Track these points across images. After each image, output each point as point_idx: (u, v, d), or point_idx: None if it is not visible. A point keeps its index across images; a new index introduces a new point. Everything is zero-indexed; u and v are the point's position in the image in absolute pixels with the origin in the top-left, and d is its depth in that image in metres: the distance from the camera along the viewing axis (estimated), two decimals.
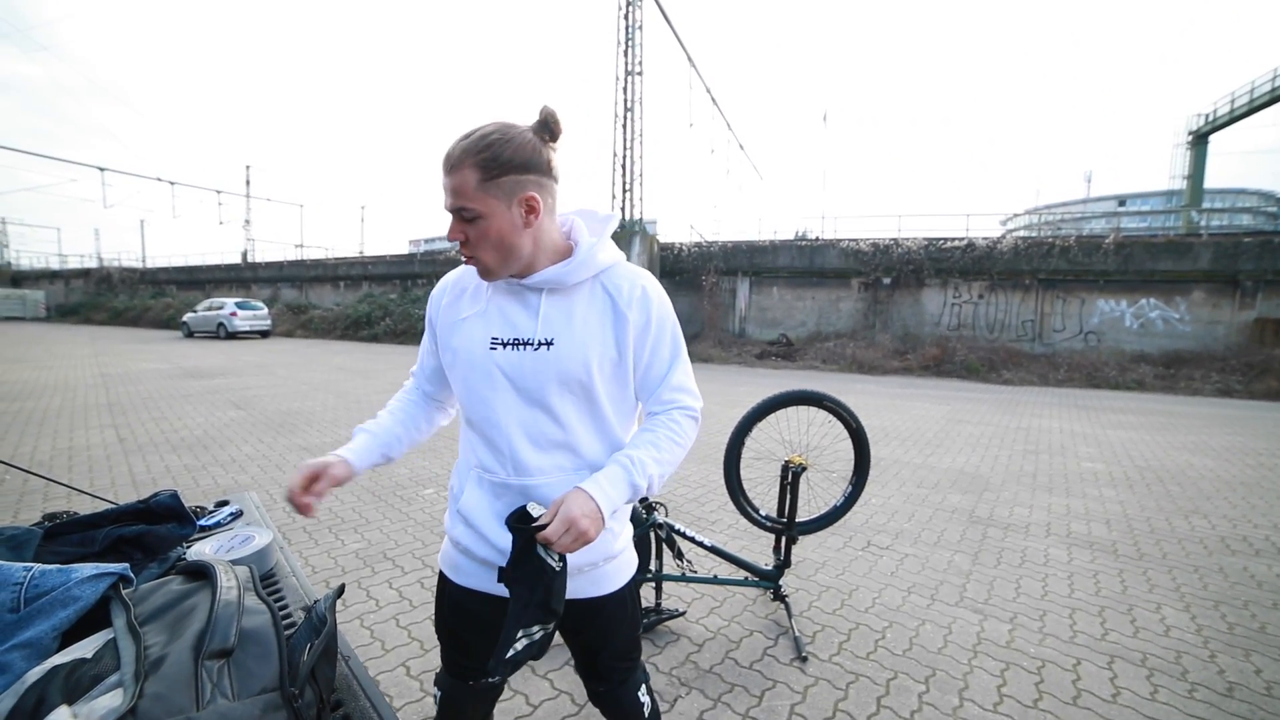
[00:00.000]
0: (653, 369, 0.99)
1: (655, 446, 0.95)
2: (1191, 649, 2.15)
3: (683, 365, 1.02)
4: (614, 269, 0.97)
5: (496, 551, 0.97)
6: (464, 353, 0.96)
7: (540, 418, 0.94)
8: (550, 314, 0.94)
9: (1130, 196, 39.22)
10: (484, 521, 0.97)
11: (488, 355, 0.94)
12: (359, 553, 2.85)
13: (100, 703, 0.48)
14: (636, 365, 0.98)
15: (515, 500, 0.94)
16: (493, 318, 0.95)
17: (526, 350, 0.93)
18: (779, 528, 2.35)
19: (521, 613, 0.83)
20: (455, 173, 0.86)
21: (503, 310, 0.96)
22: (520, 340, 0.94)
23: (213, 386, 8.16)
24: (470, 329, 0.96)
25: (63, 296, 32.34)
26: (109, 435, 5.20)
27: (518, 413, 0.94)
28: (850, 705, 1.81)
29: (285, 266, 26.62)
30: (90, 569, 0.68)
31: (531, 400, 0.94)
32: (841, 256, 14.59)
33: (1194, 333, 11.73)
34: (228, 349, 14.46)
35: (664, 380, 1.00)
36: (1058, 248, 12.69)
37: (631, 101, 16.02)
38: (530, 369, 0.93)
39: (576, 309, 0.94)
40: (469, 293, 1.00)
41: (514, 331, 0.94)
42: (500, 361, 0.94)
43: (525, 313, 0.95)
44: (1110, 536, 3.27)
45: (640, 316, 0.95)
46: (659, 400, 1.00)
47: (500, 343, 0.94)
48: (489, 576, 0.99)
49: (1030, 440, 5.81)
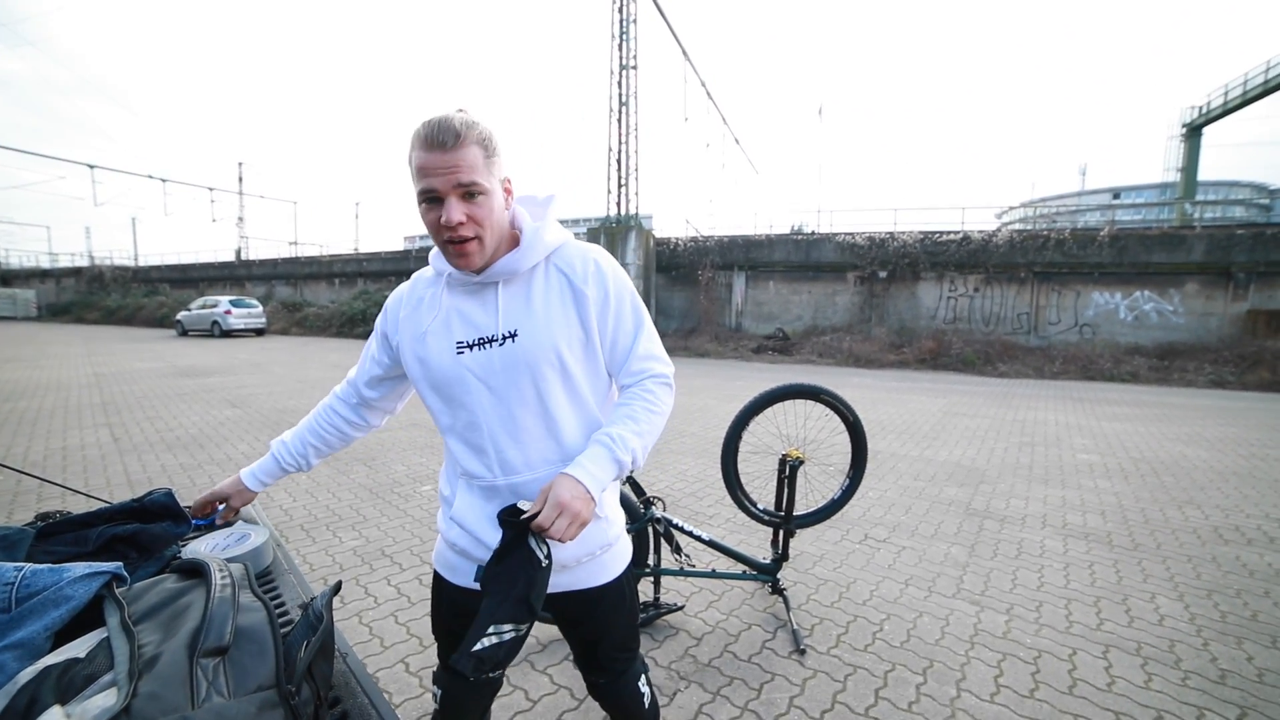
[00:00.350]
0: (619, 342, 0.98)
1: (634, 420, 0.94)
2: (1185, 638, 2.17)
3: (647, 333, 1.00)
4: (563, 248, 0.96)
5: (489, 553, 0.96)
6: (434, 363, 0.94)
7: (519, 412, 0.93)
8: (509, 305, 0.93)
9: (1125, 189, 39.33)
10: (478, 525, 0.97)
11: (456, 361, 0.93)
12: (357, 550, 2.84)
13: (94, 702, 0.48)
14: (602, 341, 0.97)
15: (507, 500, 0.94)
16: (453, 322, 0.94)
17: (493, 347, 0.92)
18: (777, 521, 2.36)
19: (497, 608, 0.81)
20: (460, 148, 0.81)
21: (461, 313, 0.94)
22: (484, 339, 0.92)
23: (208, 385, 8.12)
24: (434, 340, 0.95)
25: (54, 296, 32.06)
26: (103, 435, 5.17)
27: (496, 412, 0.93)
28: (848, 697, 1.82)
29: (279, 264, 26.46)
30: (83, 568, 0.68)
31: (507, 396, 0.93)
32: (837, 250, 14.59)
33: (1187, 325, 11.80)
34: (222, 347, 14.39)
35: (631, 351, 0.98)
36: (1053, 240, 12.72)
37: (626, 96, 15.95)
38: (500, 365, 0.92)
39: (535, 295, 0.93)
40: (425, 303, 0.98)
41: (476, 331, 0.93)
42: (470, 365, 0.92)
43: (483, 310, 0.93)
44: (1105, 527, 3.29)
45: (598, 291, 0.95)
46: (629, 372, 0.99)
47: (465, 345, 0.93)
48: None
49: (1026, 432, 5.84)
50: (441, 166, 0.82)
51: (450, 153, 0.81)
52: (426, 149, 0.82)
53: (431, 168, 0.82)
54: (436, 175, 0.82)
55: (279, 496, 3.58)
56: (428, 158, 0.82)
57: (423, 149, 0.82)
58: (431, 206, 0.85)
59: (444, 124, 0.82)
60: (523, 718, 1.71)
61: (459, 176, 0.82)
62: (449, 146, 0.81)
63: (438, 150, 0.81)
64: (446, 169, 0.82)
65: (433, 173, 0.82)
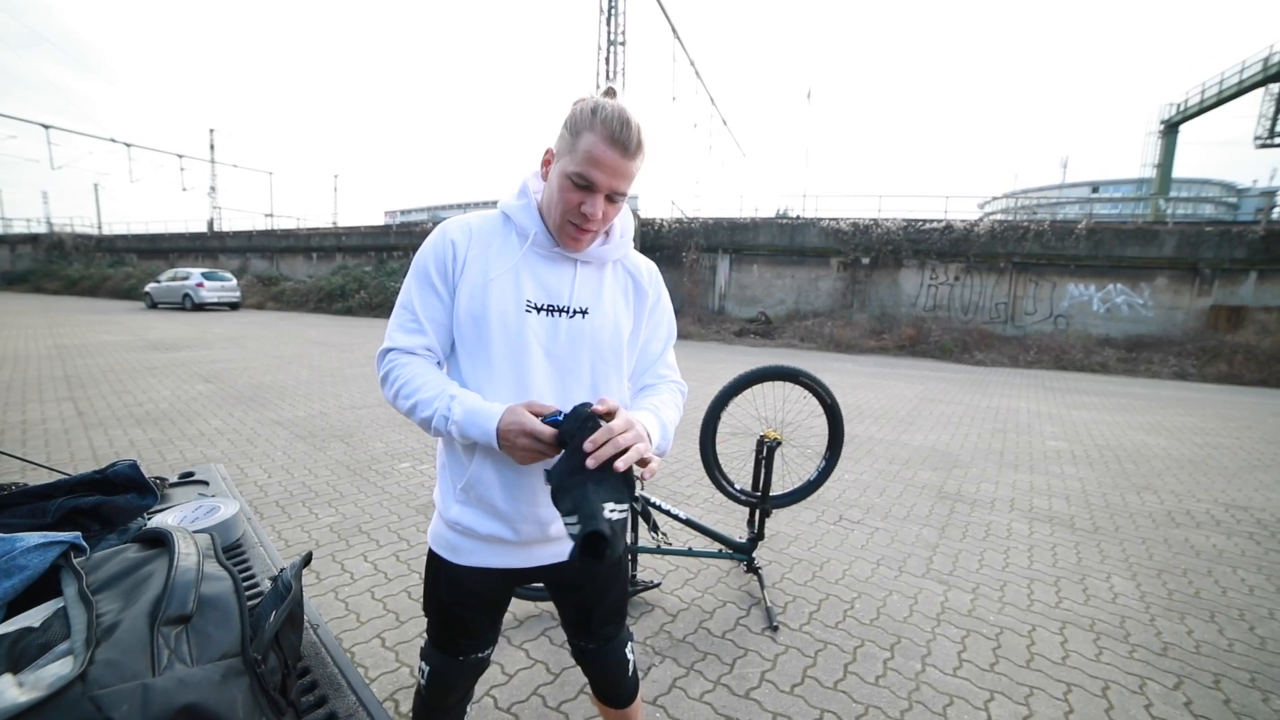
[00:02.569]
0: (652, 346, 1.07)
1: (671, 408, 1.01)
2: (1135, 614, 2.28)
3: (673, 347, 1.11)
4: (632, 253, 1.04)
5: (503, 524, 0.95)
6: (496, 314, 0.91)
7: (570, 384, 0.95)
8: (583, 284, 0.96)
9: (1104, 183, 40.04)
10: (493, 492, 0.93)
11: (522, 319, 0.91)
12: (333, 526, 2.82)
13: (48, 670, 0.46)
14: (640, 340, 1.05)
15: (527, 470, 0.91)
16: (524, 279, 0.92)
17: (561, 317, 0.93)
18: (753, 501, 2.39)
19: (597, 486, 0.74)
20: (637, 157, 0.84)
21: (535, 273, 0.93)
22: (555, 307, 0.93)
23: (179, 359, 7.90)
24: (501, 290, 0.91)
25: (9, 263, 30.52)
26: (66, 409, 5.01)
27: (549, 379, 0.93)
28: (818, 672, 1.88)
29: (254, 236, 25.65)
30: (37, 537, 0.65)
31: (562, 368, 0.94)
32: (822, 235, 14.66)
33: (1156, 318, 12.18)
34: (194, 321, 13.98)
35: (660, 357, 1.08)
36: (1032, 232, 12.95)
37: (614, 72, 15.66)
38: (565, 336, 0.93)
39: (606, 283, 0.99)
40: (494, 250, 0.94)
41: (548, 297, 0.93)
42: (534, 327, 0.92)
43: (560, 280, 0.94)
44: (1069, 511, 3.41)
45: (655, 296, 1.05)
46: (655, 374, 1.08)
47: (534, 307, 0.92)
48: (491, 552, 0.99)
49: (999, 419, 5.99)
50: (614, 168, 0.83)
51: (628, 159, 0.84)
52: (608, 144, 0.82)
53: (605, 164, 0.83)
54: (605, 172, 0.83)
55: (253, 472, 3.53)
56: (606, 153, 0.82)
57: (604, 141, 0.82)
58: (579, 190, 0.86)
59: (632, 128, 0.83)
60: (500, 690, 1.73)
61: (623, 185, 0.85)
62: (630, 153, 0.83)
63: (618, 151, 0.82)
64: (617, 173, 0.84)
65: (603, 169, 0.83)
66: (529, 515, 0.96)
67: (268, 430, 4.50)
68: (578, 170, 0.84)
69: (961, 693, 1.79)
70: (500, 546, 0.98)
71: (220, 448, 4.01)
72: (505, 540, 0.97)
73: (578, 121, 0.84)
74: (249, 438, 4.29)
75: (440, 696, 1.09)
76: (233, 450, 3.97)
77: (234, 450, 3.97)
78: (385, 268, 19.58)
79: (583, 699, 1.71)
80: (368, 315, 17.18)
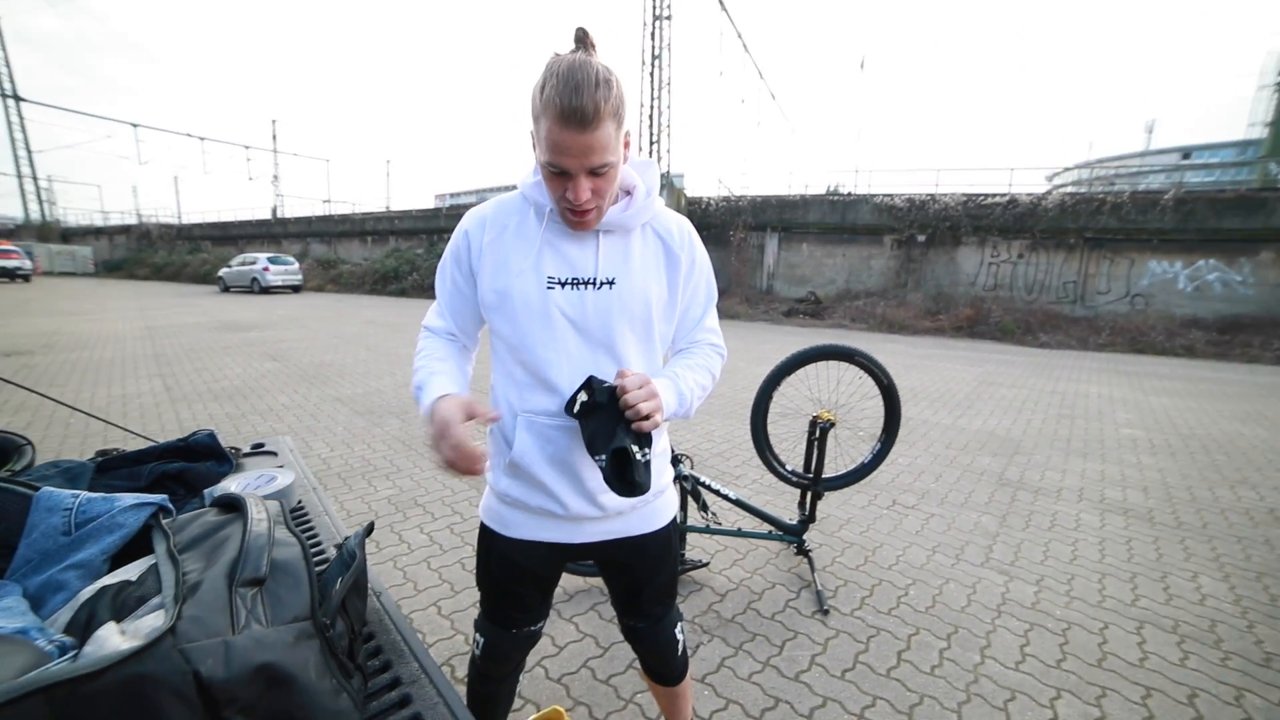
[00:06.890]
0: (691, 310, 1.04)
1: (694, 370, 1.00)
2: (1228, 619, 2.10)
3: (714, 309, 1.08)
4: (661, 213, 0.99)
5: (550, 498, 0.96)
6: (518, 294, 0.90)
7: (601, 359, 0.93)
8: (609, 254, 0.92)
9: (1197, 148, 36.30)
10: (538, 467, 0.94)
11: (545, 296, 0.90)
12: (391, 499, 2.96)
13: (145, 621, 0.49)
14: (678, 309, 1.01)
15: (568, 443, 0.94)
16: (545, 257, 0.91)
17: (588, 290, 0.91)
18: (805, 483, 2.34)
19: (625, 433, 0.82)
20: (596, 128, 0.76)
21: (556, 248, 0.91)
22: (580, 280, 0.91)
23: (249, 339, 8.43)
24: (521, 270, 0.91)
25: (108, 252, 33.46)
26: (156, 385, 5.45)
27: (579, 352, 0.92)
28: (870, 658, 1.83)
29: (314, 221, 26.93)
30: (131, 498, 0.70)
31: (594, 341, 0.92)
32: (874, 212, 14.01)
33: (1257, 296, 10.99)
34: (262, 303, 14.87)
35: (699, 322, 1.05)
36: (1109, 205, 11.91)
37: (660, 48, 15.33)
38: (593, 309, 0.91)
39: (634, 250, 0.94)
40: (511, 230, 0.93)
41: (572, 271, 0.91)
42: (560, 302, 0.90)
43: (583, 252, 0.92)
44: (1147, 504, 3.17)
45: (688, 259, 0.99)
46: (692, 340, 1.05)
47: (558, 282, 0.90)
48: (540, 525, 1.00)
49: (1065, 404, 5.62)
50: (578, 147, 0.77)
51: (586, 134, 0.76)
52: (562, 125, 0.75)
53: (567, 147, 0.77)
54: (570, 156, 0.78)
55: (317, 446, 3.73)
56: (563, 135, 0.76)
57: (558, 124, 0.76)
58: (558, 177, 0.82)
59: (583, 95, 0.74)
60: (550, 662, 1.78)
61: (592, 160, 0.78)
62: (589, 124, 0.75)
63: (575, 128, 0.75)
64: (585, 150, 0.77)
65: (568, 152, 0.78)
66: (576, 489, 0.96)
67: (329, 406, 4.75)
68: (546, 160, 0.80)
69: (1024, 688, 1.71)
70: (549, 520, 0.99)
71: (287, 422, 4.27)
72: (554, 514, 0.98)
73: (534, 106, 0.79)
74: (312, 413, 4.54)
75: (494, 666, 1.12)
76: (298, 425, 4.21)
77: (299, 425, 4.21)
78: (436, 250, 20.16)
79: (631, 673, 1.73)
80: (420, 296, 17.78)
